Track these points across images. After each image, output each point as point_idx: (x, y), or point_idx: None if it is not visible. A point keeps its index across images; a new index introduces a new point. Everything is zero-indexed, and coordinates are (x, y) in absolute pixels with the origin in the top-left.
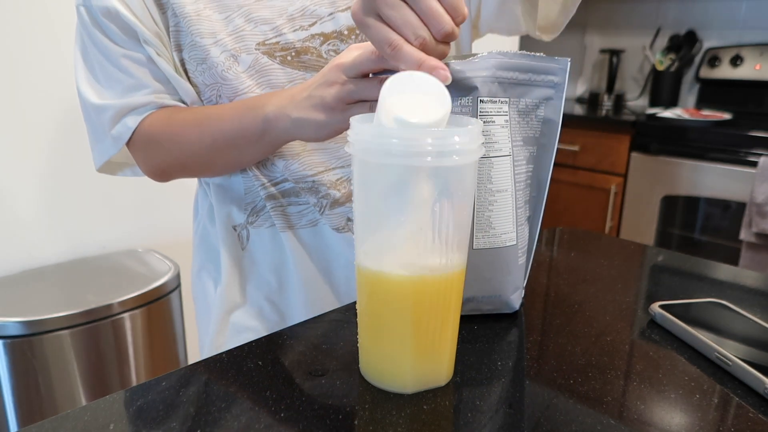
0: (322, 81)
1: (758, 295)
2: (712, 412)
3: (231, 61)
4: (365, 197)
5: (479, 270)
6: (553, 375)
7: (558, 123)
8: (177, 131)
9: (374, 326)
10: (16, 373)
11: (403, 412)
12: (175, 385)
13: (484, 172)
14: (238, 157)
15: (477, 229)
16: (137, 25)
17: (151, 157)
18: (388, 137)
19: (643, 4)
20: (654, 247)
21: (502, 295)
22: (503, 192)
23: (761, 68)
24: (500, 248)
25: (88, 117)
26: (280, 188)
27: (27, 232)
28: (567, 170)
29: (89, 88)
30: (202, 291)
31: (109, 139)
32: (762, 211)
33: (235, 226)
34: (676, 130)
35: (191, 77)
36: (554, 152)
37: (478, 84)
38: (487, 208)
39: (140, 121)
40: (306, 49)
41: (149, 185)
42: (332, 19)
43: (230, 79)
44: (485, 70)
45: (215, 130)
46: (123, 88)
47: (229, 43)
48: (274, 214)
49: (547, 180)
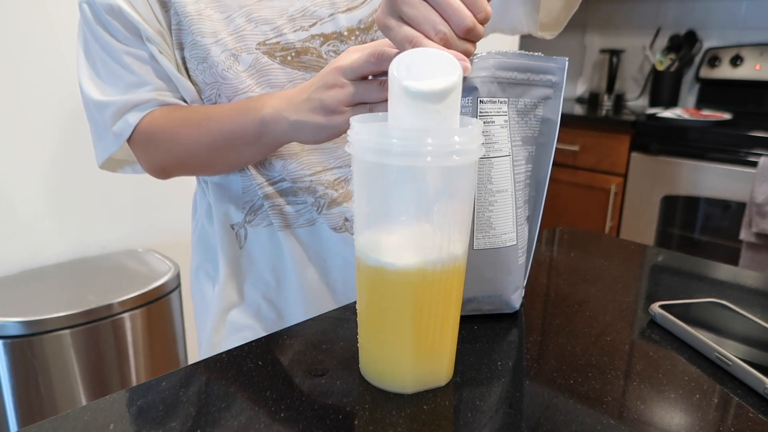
0: (320, 84)
1: (758, 295)
2: (712, 412)
3: (231, 61)
4: (365, 197)
5: (480, 270)
6: (553, 375)
7: (557, 122)
8: (176, 130)
9: (374, 326)
10: (16, 373)
11: (403, 412)
12: (175, 385)
13: (484, 173)
14: (236, 157)
15: (477, 230)
16: (140, 22)
17: (151, 154)
18: (388, 137)
19: (643, 4)
20: (654, 247)
21: (503, 295)
22: (503, 192)
23: (761, 68)
24: (500, 248)
25: (90, 114)
26: (277, 187)
27: (27, 232)
28: (567, 170)
29: (91, 84)
30: (199, 289)
31: (110, 136)
32: (762, 211)
33: (232, 225)
34: (676, 130)
35: (192, 76)
36: (553, 151)
37: (477, 84)
38: (488, 209)
39: (141, 118)
40: (306, 50)
41: (149, 185)
42: (332, 20)
43: (230, 79)
44: (484, 70)
45: (213, 130)
46: (125, 85)
47: (230, 42)
48: (272, 213)
49: (546, 179)
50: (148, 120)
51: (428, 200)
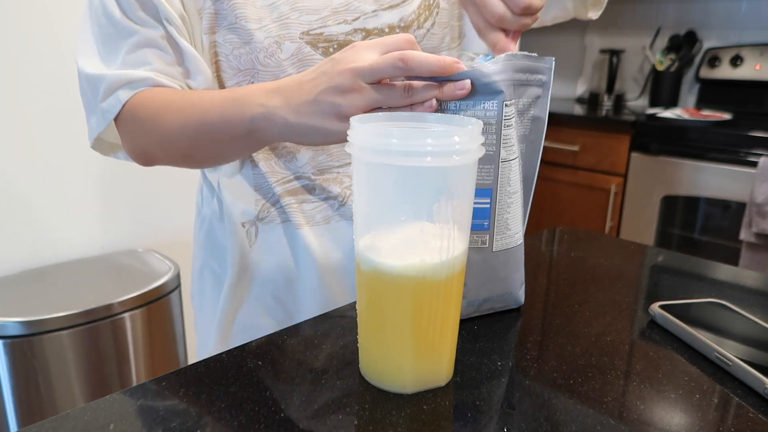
0: (332, 85)
1: (758, 295)
2: (712, 412)
3: (275, 48)
4: (365, 197)
5: (496, 271)
6: (553, 375)
7: (545, 120)
8: (161, 114)
9: (374, 326)
10: (16, 373)
11: (403, 412)
12: (175, 385)
13: (504, 176)
14: (220, 152)
15: (497, 233)
16: (161, 2)
17: (134, 136)
18: (388, 137)
19: (643, 4)
20: (654, 247)
21: (513, 291)
22: (517, 193)
23: (761, 68)
24: (513, 248)
25: (83, 89)
26: (293, 185)
27: (27, 232)
28: (567, 170)
29: (87, 59)
30: (204, 289)
31: (98, 112)
32: (762, 211)
33: (243, 223)
34: (676, 130)
35: (221, 61)
36: (541, 149)
37: (503, 88)
38: (506, 210)
39: (132, 95)
40: (347, 43)
41: (149, 185)
42: (375, 16)
43: (271, 66)
44: (504, 72)
45: (196, 120)
46: (122, 62)
47: (274, 29)
48: (289, 211)
49: (534, 176)
50: (138, 98)
51: (428, 200)
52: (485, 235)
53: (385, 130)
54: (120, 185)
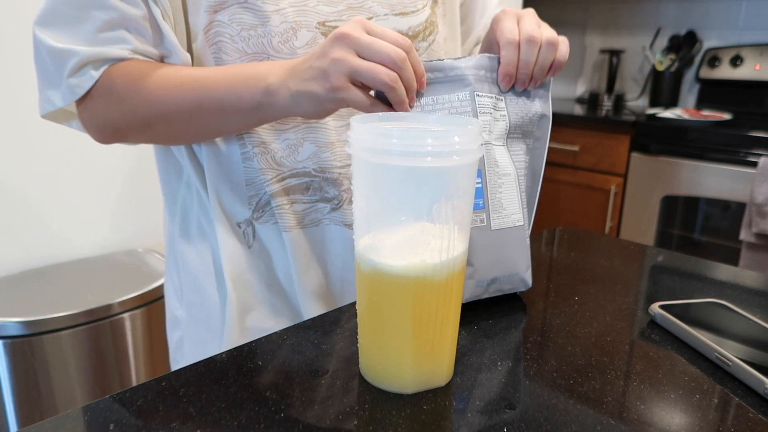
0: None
1: (758, 295)
2: (712, 412)
3: (290, 34)
4: (365, 197)
5: (499, 250)
6: (553, 375)
7: (550, 117)
8: (150, 89)
9: (374, 326)
10: (16, 373)
11: (403, 412)
12: (174, 385)
13: (491, 157)
14: (218, 126)
15: (492, 211)
16: None
17: (106, 111)
18: (388, 137)
19: (643, 4)
20: (654, 247)
21: (519, 272)
22: (508, 175)
23: (761, 68)
24: (512, 228)
25: (41, 60)
26: (286, 183)
27: (27, 232)
28: (567, 170)
29: (48, 30)
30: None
31: (64, 87)
32: (762, 211)
33: (239, 223)
34: (676, 130)
35: (223, 42)
36: (547, 145)
37: (473, 81)
38: (498, 190)
39: (105, 70)
40: None
41: (149, 185)
42: (386, 20)
43: (284, 53)
44: (475, 68)
45: (202, 94)
46: (96, 38)
47: (291, 14)
48: (279, 212)
49: (541, 171)
50: (111, 72)
51: (428, 200)
52: (482, 214)
53: (385, 130)
54: (120, 185)
